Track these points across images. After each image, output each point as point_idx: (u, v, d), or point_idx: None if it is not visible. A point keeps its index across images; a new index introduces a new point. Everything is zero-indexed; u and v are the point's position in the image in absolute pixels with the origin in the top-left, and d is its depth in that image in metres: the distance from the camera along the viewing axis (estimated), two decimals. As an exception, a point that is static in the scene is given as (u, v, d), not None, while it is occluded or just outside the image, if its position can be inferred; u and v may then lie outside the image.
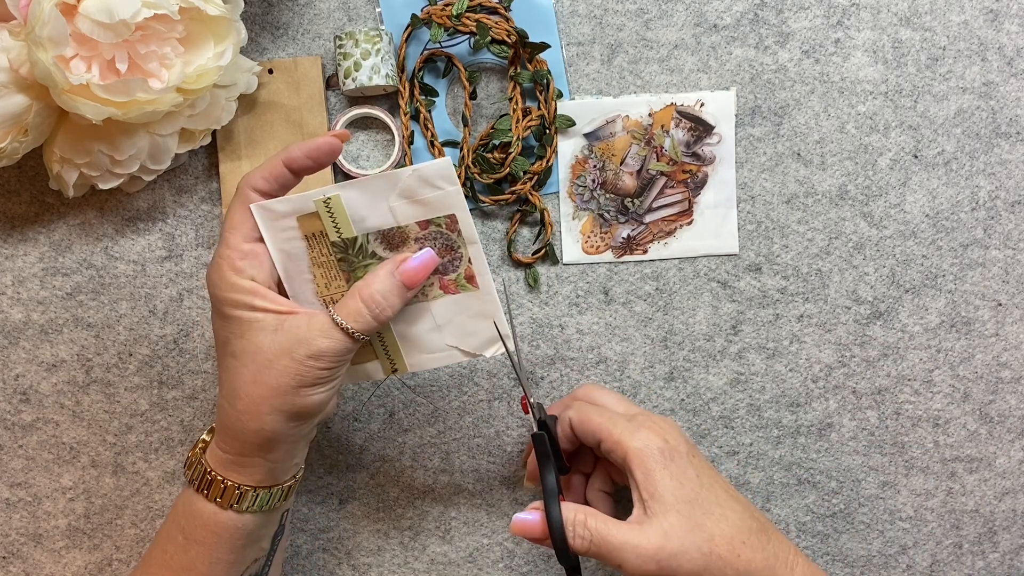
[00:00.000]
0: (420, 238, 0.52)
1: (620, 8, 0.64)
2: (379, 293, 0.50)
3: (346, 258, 0.52)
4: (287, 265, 0.52)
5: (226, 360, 0.51)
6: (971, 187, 0.65)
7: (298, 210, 0.51)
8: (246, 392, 0.50)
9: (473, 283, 0.53)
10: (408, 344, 0.55)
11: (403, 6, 0.64)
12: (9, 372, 0.66)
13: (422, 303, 0.53)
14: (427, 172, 0.50)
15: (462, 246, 0.52)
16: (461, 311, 0.54)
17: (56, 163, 0.60)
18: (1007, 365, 0.65)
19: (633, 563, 0.50)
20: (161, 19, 0.55)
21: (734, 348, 0.65)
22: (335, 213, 0.51)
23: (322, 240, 0.52)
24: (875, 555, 0.66)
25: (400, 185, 0.50)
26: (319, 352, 0.49)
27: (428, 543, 0.66)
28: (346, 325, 0.50)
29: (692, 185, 0.65)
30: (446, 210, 0.51)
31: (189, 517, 0.53)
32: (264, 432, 0.50)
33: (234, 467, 0.52)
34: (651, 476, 0.51)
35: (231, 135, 0.64)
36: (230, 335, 0.50)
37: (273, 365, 0.49)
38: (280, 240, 0.51)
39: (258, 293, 0.50)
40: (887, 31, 0.64)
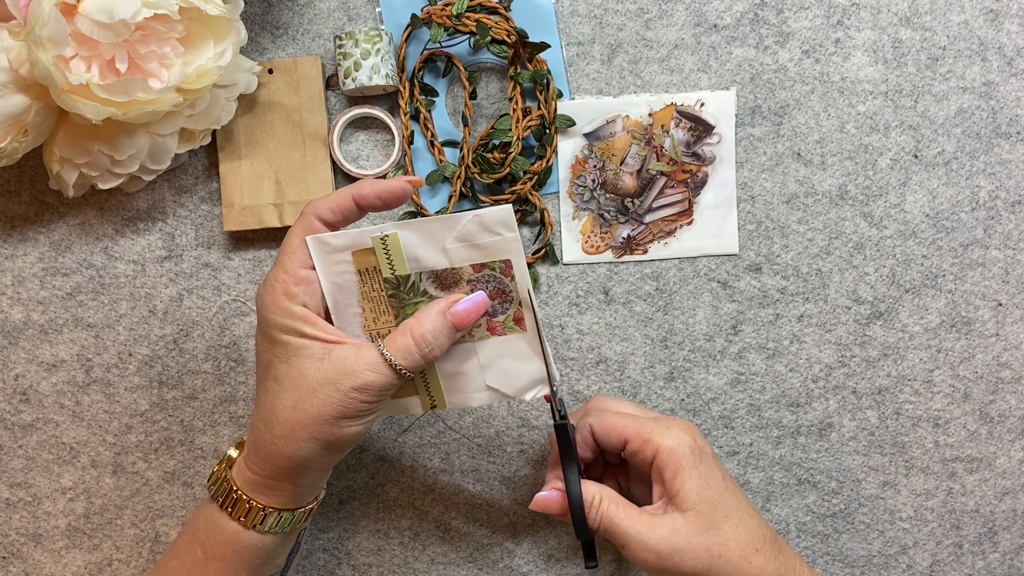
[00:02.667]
0: (473, 280, 0.52)
1: (620, 8, 0.64)
2: (429, 332, 0.51)
3: (397, 295, 0.52)
4: (337, 297, 0.52)
5: (267, 383, 0.51)
6: (971, 187, 0.65)
7: (354, 245, 0.51)
8: (284, 417, 0.50)
9: (521, 325, 0.53)
10: (450, 382, 0.54)
11: (403, 6, 0.64)
12: (9, 372, 0.66)
13: (468, 343, 0.53)
14: (488, 218, 0.50)
15: (514, 290, 0.52)
16: (506, 353, 0.53)
17: (56, 163, 0.60)
18: (1007, 365, 0.65)
19: (634, 549, 0.50)
20: (161, 19, 0.55)
21: (734, 348, 0.65)
22: (391, 250, 0.51)
23: (375, 275, 0.52)
24: (875, 555, 0.66)
25: (459, 229, 0.51)
26: (364, 385, 0.49)
27: (428, 543, 0.66)
28: (395, 361, 0.50)
29: (692, 185, 0.65)
30: (502, 255, 0.51)
31: (210, 533, 0.53)
32: (297, 458, 0.50)
33: (261, 489, 0.52)
34: (680, 474, 0.51)
35: (231, 135, 0.64)
36: (275, 358, 0.50)
37: (316, 394, 0.49)
38: (332, 272, 0.52)
39: (308, 320, 0.50)
40: (887, 31, 0.64)
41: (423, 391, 0.55)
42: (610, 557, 0.66)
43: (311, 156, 0.64)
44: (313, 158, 0.64)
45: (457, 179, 0.64)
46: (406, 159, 0.64)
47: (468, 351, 0.54)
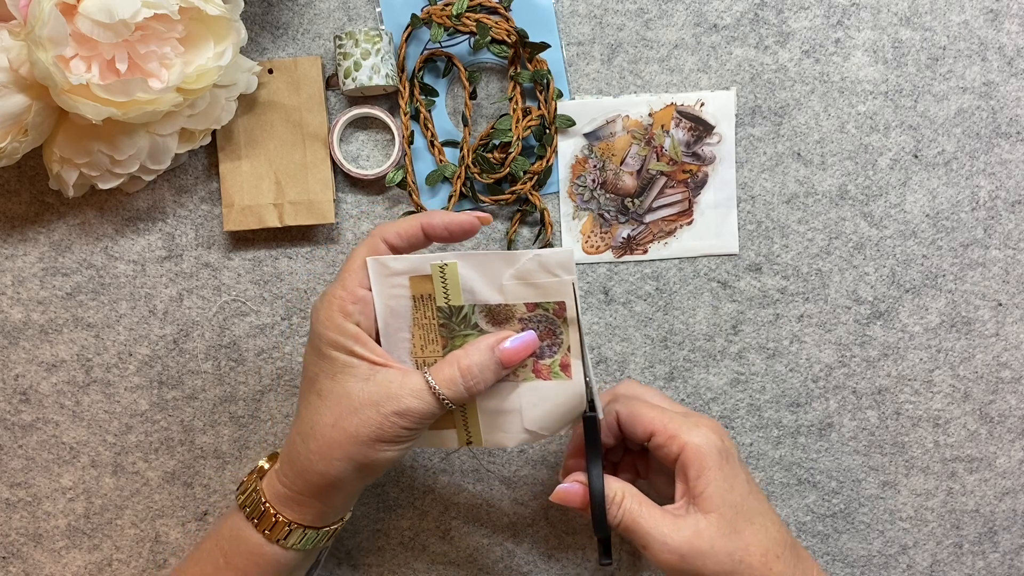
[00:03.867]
0: (525, 319, 0.52)
1: (620, 8, 0.64)
2: (476, 366, 0.50)
3: (448, 325, 0.52)
4: (388, 320, 0.52)
5: (310, 396, 0.51)
6: (971, 187, 0.65)
7: (413, 270, 0.51)
8: (323, 433, 0.50)
9: (567, 372, 0.52)
10: (489, 420, 0.54)
11: (403, 6, 0.64)
12: (9, 372, 0.66)
13: (511, 383, 0.53)
14: (548, 259, 0.50)
15: (565, 334, 0.52)
16: (548, 399, 0.53)
17: (56, 163, 0.60)
18: (1007, 365, 0.65)
19: (656, 550, 0.50)
20: (161, 19, 0.55)
21: (734, 348, 0.65)
22: (448, 280, 0.51)
23: (429, 303, 0.52)
24: (875, 555, 0.66)
25: (517, 266, 0.50)
26: (406, 410, 0.49)
27: (428, 543, 0.66)
28: (439, 390, 0.50)
29: (692, 185, 0.65)
30: (557, 297, 0.51)
31: (234, 542, 0.53)
32: (328, 476, 0.51)
33: (290, 503, 0.52)
34: (705, 475, 0.51)
35: (231, 135, 0.64)
36: (321, 373, 0.51)
37: (357, 413, 0.49)
38: (388, 295, 0.52)
39: (360, 339, 0.50)
40: (887, 31, 0.64)
41: (461, 426, 0.54)
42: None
43: (311, 156, 0.64)
44: (313, 158, 0.64)
45: (457, 179, 0.64)
46: (406, 159, 0.64)
47: (510, 390, 0.53)
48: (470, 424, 0.54)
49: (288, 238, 0.65)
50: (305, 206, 0.64)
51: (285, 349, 0.66)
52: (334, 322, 0.50)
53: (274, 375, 0.66)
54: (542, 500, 0.66)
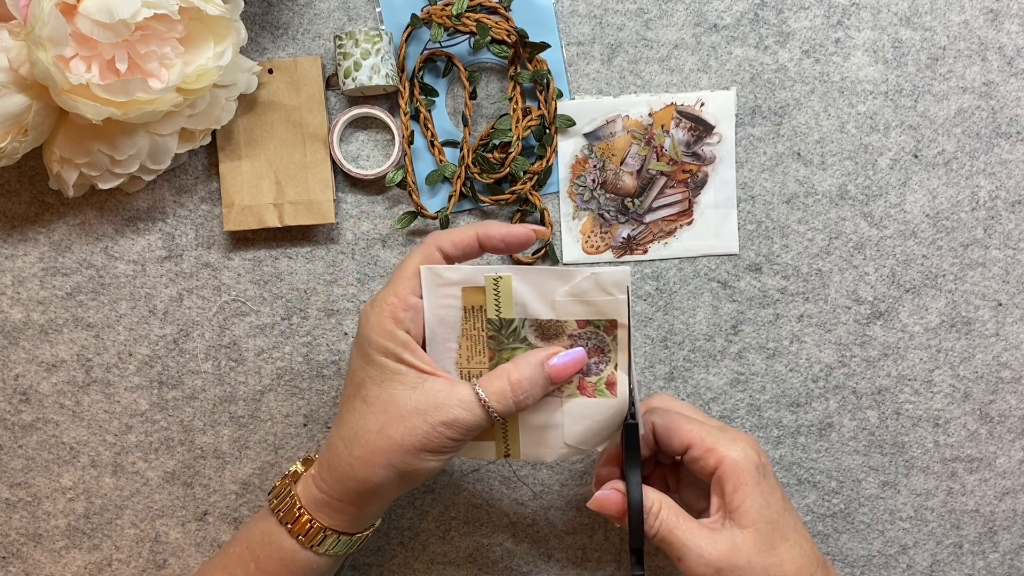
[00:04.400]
0: (575, 335, 0.52)
1: (620, 8, 0.64)
2: (526, 380, 0.50)
3: (497, 337, 0.52)
4: (436, 329, 0.52)
5: (355, 402, 0.51)
6: (971, 187, 0.65)
7: (466, 281, 0.51)
8: (367, 440, 0.50)
9: (612, 390, 0.52)
10: (529, 434, 0.54)
11: (403, 6, 0.64)
12: (9, 372, 0.66)
13: (555, 398, 0.53)
14: (604, 278, 0.50)
15: (613, 352, 0.52)
16: (590, 415, 0.53)
17: (56, 163, 0.60)
18: (1007, 365, 0.65)
19: (692, 563, 0.50)
20: (161, 19, 0.55)
21: (734, 348, 0.65)
22: (501, 292, 0.51)
23: (479, 314, 0.52)
24: (875, 555, 0.66)
25: (572, 283, 0.51)
26: (453, 421, 0.49)
27: (428, 543, 0.66)
28: (488, 403, 0.50)
29: (692, 185, 0.65)
30: (609, 315, 0.51)
31: (266, 547, 0.53)
32: (370, 483, 0.50)
33: (326, 509, 0.52)
34: (742, 489, 0.50)
35: (231, 135, 0.64)
36: (368, 379, 0.51)
37: (404, 422, 0.49)
38: (438, 305, 0.52)
39: (409, 347, 0.50)
40: (887, 31, 0.64)
41: (500, 438, 0.54)
42: (610, 558, 0.66)
43: (311, 156, 0.64)
44: (313, 158, 0.64)
45: (457, 179, 0.64)
46: (406, 159, 0.64)
47: (553, 406, 0.53)
48: (510, 437, 0.54)
49: (288, 238, 0.65)
50: (305, 206, 0.64)
51: (285, 349, 0.66)
52: (384, 328, 0.50)
53: (274, 375, 0.66)
54: (542, 500, 0.66)
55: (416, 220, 0.65)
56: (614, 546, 0.66)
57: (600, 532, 0.66)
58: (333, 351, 0.65)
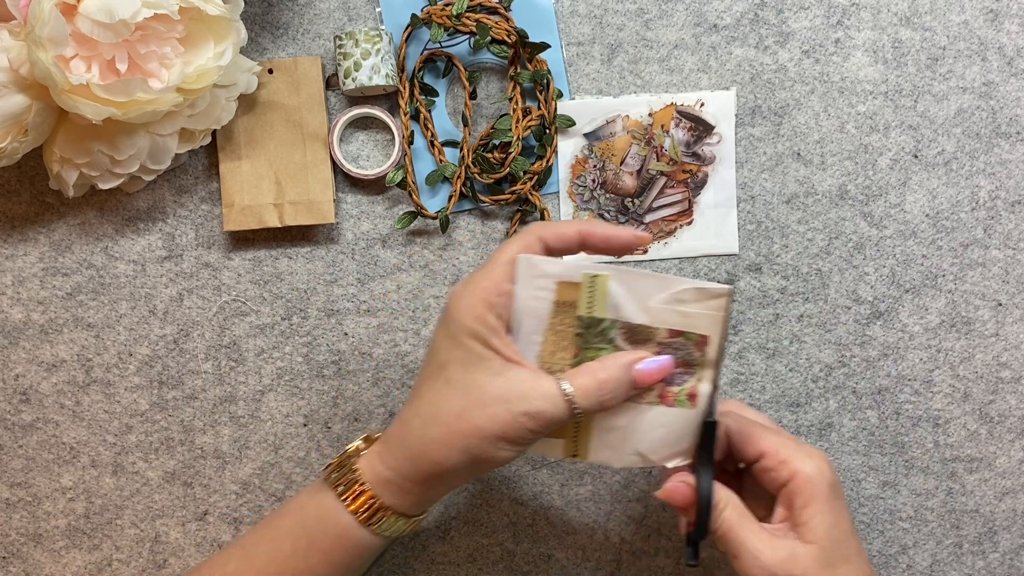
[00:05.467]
0: (664, 343, 0.51)
1: (620, 8, 0.64)
2: (612, 381, 0.50)
3: (584, 335, 0.51)
4: (523, 320, 0.51)
5: (437, 383, 0.50)
6: (971, 187, 0.65)
7: (563, 275, 0.50)
8: (447, 421, 0.49)
9: (692, 402, 0.52)
10: (600, 436, 0.53)
11: (403, 6, 0.64)
12: (9, 372, 0.66)
13: (633, 404, 0.52)
14: (707, 293, 0.50)
15: (699, 366, 0.51)
16: (666, 425, 0.52)
17: (56, 163, 0.60)
18: (1007, 365, 0.65)
19: (747, 563, 0.50)
20: (161, 19, 0.55)
21: (734, 348, 0.65)
22: (596, 291, 0.50)
23: (570, 310, 0.51)
24: (875, 555, 0.66)
25: (672, 291, 0.50)
26: (536, 412, 0.48)
27: (428, 543, 0.66)
28: (573, 399, 0.49)
29: (692, 185, 0.65)
30: (703, 329, 0.51)
31: (322, 523, 0.52)
32: (443, 466, 0.50)
33: (391, 488, 0.51)
34: (812, 505, 0.50)
35: (231, 135, 0.64)
36: (453, 361, 0.50)
37: (486, 408, 0.48)
38: (530, 296, 0.51)
39: (498, 334, 0.49)
40: (887, 31, 0.64)
41: (571, 437, 0.53)
42: (609, 558, 0.66)
43: (311, 156, 0.64)
44: (313, 158, 0.64)
45: (457, 179, 0.64)
46: (406, 159, 0.64)
47: (631, 411, 0.52)
48: (581, 437, 0.53)
49: (288, 238, 0.65)
50: (305, 206, 0.64)
51: (285, 349, 0.66)
52: (476, 312, 0.49)
53: (274, 375, 0.66)
54: (542, 500, 0.66)
55: (416, 220, 0.65)
56: (614, 546, 0.66)
57: (600, 532, 0.66)
58: (333, 351, 0.65)
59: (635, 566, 0.66)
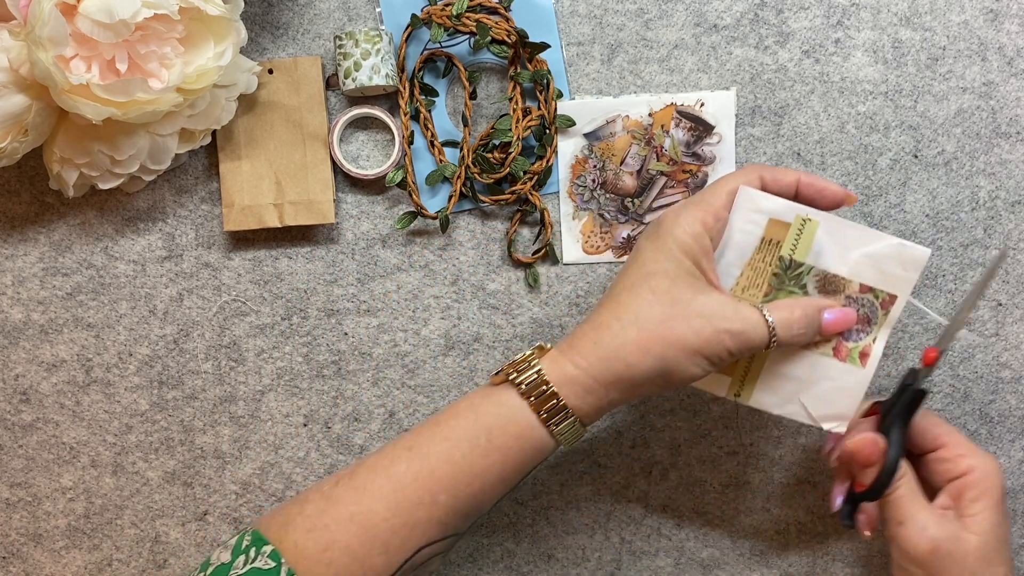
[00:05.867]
0: (852, 297, 0.54)
1: (620, 8, 0.64)
2: (805, 319, 0.52)
3: (781, 276, 0.54)
4: (728, 250, 0.54)
5: (641, 290, 0.51)
6: (971, 187, 0.65)
7: (776, 212, 0.53)
8: (647, 327, 0.50)
9: (863, 361, 0.54)
10: (768, 379, 0.55)
11: (403, 6, 0.64)
12: (9, 372, 0.66)
13: (807, 353, 0.54)
14: (906, 251, 0.52)
15: (879, 325, 0.53)
16: (833, 379, 0.54)
17: (56, 163, 0.60)
18: (1007, 365, 0.65)
19: (912, 531, 0.53)
20: (161, 19, 0.55)
21: (734, 348, 0.65)
22: (803, 234, 0.53)
23: (774, 249, 0.53)
24: (875, 555, 0.66)
25: (875, 246, 0.53)
26: (739, 332, 0.50)
27: (428, 543, 0.66)
28: (774, 326, 0.51)
29: (692, 185, 0.65)
30: (893, 289, 0.53)
31: (502, 420, 0.51)
32: (636, 369, 0.50)
33: (576, 388, 0.51)
34: (983, 501, 0.53)
35: (231, 135, 0.64)
36: (660, 271, 0.51)
37: (689, 320, 0.50)
38: (740, 229, 0.53)
39: (709, 255, 0.52)
40: (887, 31, 0.64)
41: (739, 375, 0.55)
42: (609, 558, 0.66)
43: (311, 156, 0.64)
44: (313, 158, 0.64)
45: (457, 179, 0.64)
46: (406, 159, 0.64)
47: (804, 360, 0.54)
48: (749, 376, 0.55)
49: (288, 238, 0.65)
50: (305, 206, 0.64)
51: (285, 349, 0.66)
52: (693, 229, 0.51)
53: (274, 375, 0.66)
54: (542, 500, 0.66)
55: (416, 220, 0.65)
56: (614, 546, 0.66)
57: (600, 532, 0.66)
58: (333, 351, 0.65)
59: (635, 566, 0.66)
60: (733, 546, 0.66)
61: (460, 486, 0.50)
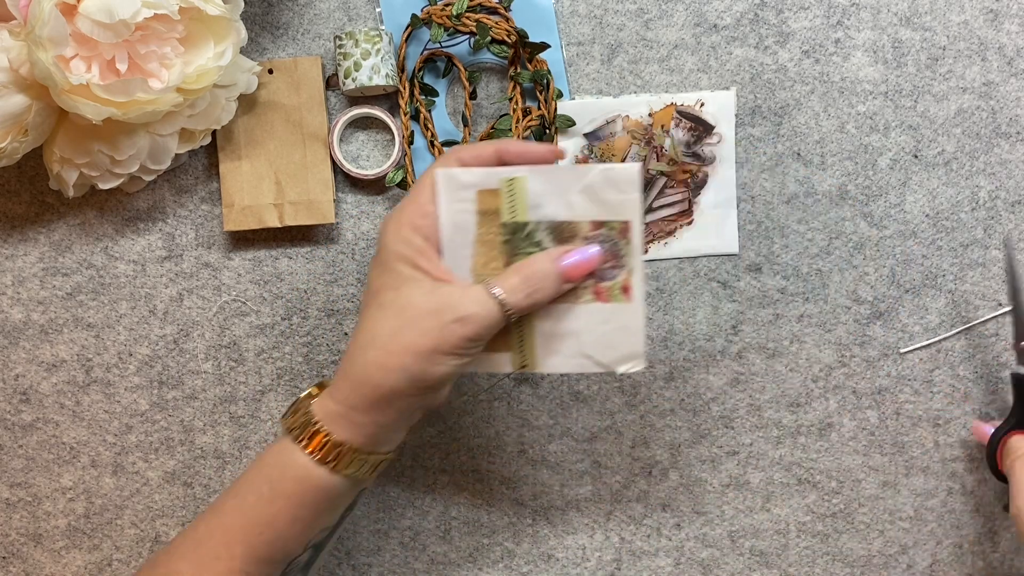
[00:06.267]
0: (589, 238, 0.52)
1: (620, 8, 0.64)
2: (538, 273, 0.51)
3: (512, 241, 0.52)
4: (452, 235, 0.52)
5: (372, 309, 0.51)
6: (971, 187, 0.65)
7: (481, 183, 0.52)
8: (383, 343, 0.50)
9: (627, 295, 0.52)
10: (546, 343, 0.53)
11: (403, 6, 0.64)
12: (9, 372, 0.66)
13: (570, 303, 0.53)
14: (615, 174, 0.51)
15: (627, 256, 0.52)
16: (607, 321, 0.53)
17: (56, 163, 0.60)
18: (1007, 365, 0.65)
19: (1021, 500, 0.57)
20: (161, 19, 0.55)
21: (734, 348, 0.65)
22: (515, 195, 0.52)
23: (494, 218, 0.52)
24: (875, 555, 0.66)
25: (585, 180, 0.51)
26: (466, 316, 0.49)
27: (428, 543, 0.66)
28: (501, 296, 0.50)
29: (692, 185, 0.65)
30: (622, 215, 0.51)
31: (281, 468, 0.52)
32: (383, 388, 0.50)
33: (341, 421, 0.51)
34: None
35: (231, 135, 0.64)
36: (384, 286, 0.51)
37: (418, 323, 0.49)
38: (454, 210, 0.52)
39: (425, 254, 0.51)
40: (887, 31, 0.64)
41: (516, 348, 0.54)
42: (609, 558, 0.66)
43: (311, 156, 0.64)
44: (313, 158, 0.64)
45: (457, 179, 0.64)
46: (406, 159, 0.64)
47: (569, 312, 0.53)
48: (526, 346, 0.54)
49: (288, 238, 0.65)
50: (305, 206, 0.64)
51: (285, 349, 0.66)
52: (401, 235, 0.51)
53: (274, 375, 0.66)
54: (542, 500, 0.66)
55: (416, 220, 0.65)
56: (614, 546, 0.66)
57: (600, 532, 0.66)
58: (333, 351, 0.65)
59: (635, 566, 0.66)
60: (733, 546, 0.66)
61: (252, 536, 0.52)
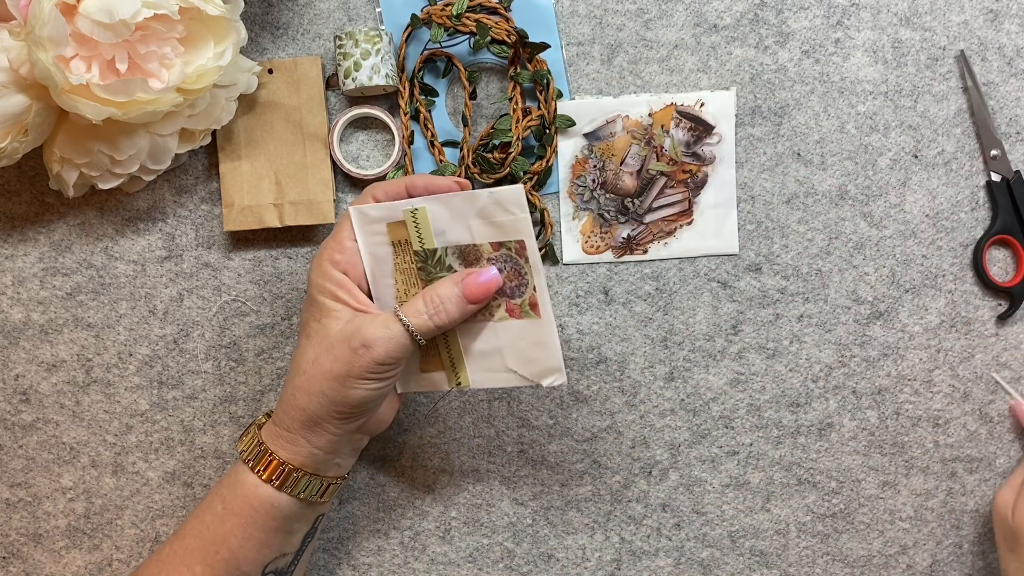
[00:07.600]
0: (492, 259, 0.54)
1: (620, 8, 0.64)
2: (440, 297, 0.53)
3: (425, 267, 0.55)
4: (374, 268, 0.56)
5: (300, 339, 0.55)
6: (971, 187, 0.65)
7: (388, 217, 0.54)
8: (304, 369, 0.53)
9: (536, 311, 0.54)
10: (472, 360, 0.56)
11: (403, 6, 0.64)
12: (9, 372, 0.66)
13: (488, 323, 0.55)
14: (501, 196, 0.52)
15: (529, 273, 0.54)
16: (522, 337, 0.55)
17: (56, 163, 0.60)
18: (1007, 365, 0.65)
19: None
20: (161, 19, 0.55)
21: (734, 348, 0.65)
22: (420, 224, 0.54)
23: (406, 248, 0.55)
24: (875, 555, 0.66)
25: (478, 205, 0.53)
26: (371, 340, 0.51)
27: (428, 543, 0.66)
28: (405, 320, 0.52)
29: (692, 185, 0.65)
30: (516, 235, 0.53)
31: (232, 487, 0.55)
32: (308, 411, 0.53)
33: (281, 441, 0.54)
34: None
35: (231, 135, 0.64)
36: (310, 317, 0.54)
37: (332, 350, 0.52)
38: (371, 244, 0.55)
39: (344, 287, 0.54)
40: (887, 31, 0.64)
41: (449, 367, 0.57)
42: (610, 558, 0.66)
43: (311, 156, 0.64)
44: (313, 158, 0.64)
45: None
46: (406, 159, 0.64)
47: (488, 330, 0.55)
48: (456, 365, 0.57)
49: (288, 238, 0.65)
50: (305, 206, 0.64)
51: (285, 349, 0.66)
52: (322, 269, 0.54)
53: (274, 375, 0.66)
54: (542, 500, 0.66)
55: (416, 220, 0.65)
56: (614, 546, 0.66)
57: (600, 532, 0.66)
58: (333, 351, 0.65)
59: (635, 566, 0.66)
60: (733, 546, 0.66)
61: (209, 554, 0.55)
